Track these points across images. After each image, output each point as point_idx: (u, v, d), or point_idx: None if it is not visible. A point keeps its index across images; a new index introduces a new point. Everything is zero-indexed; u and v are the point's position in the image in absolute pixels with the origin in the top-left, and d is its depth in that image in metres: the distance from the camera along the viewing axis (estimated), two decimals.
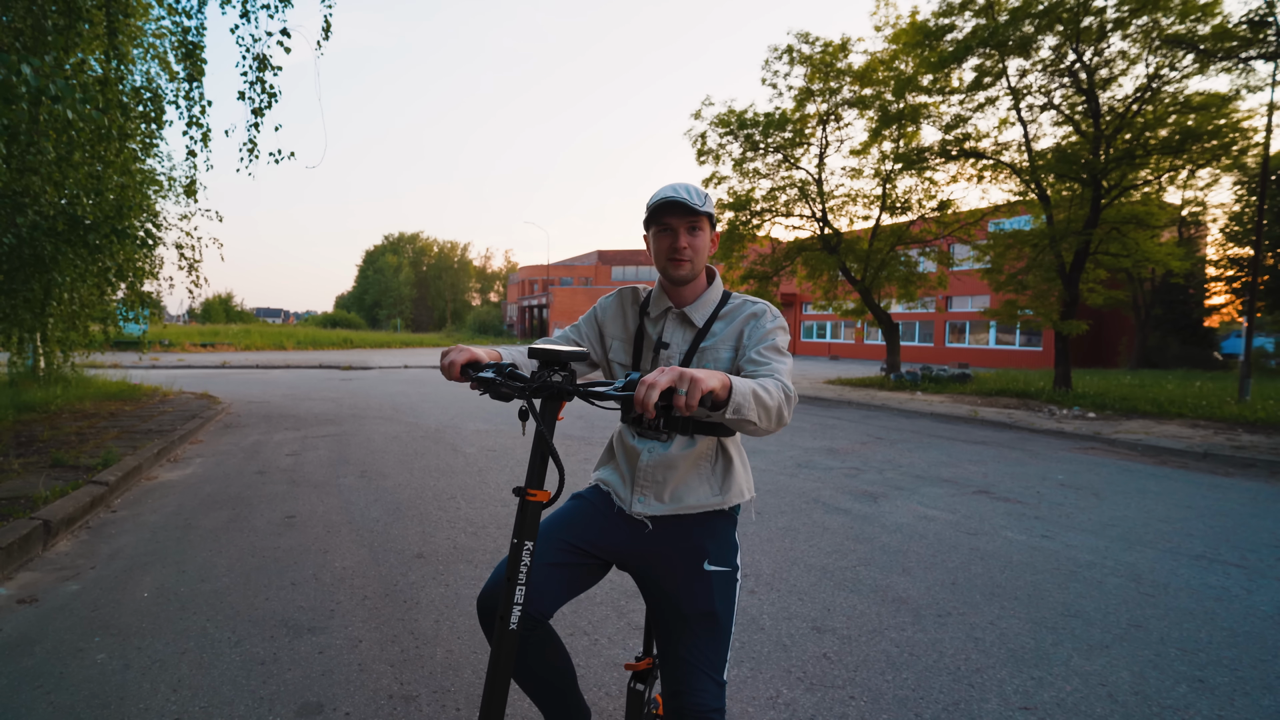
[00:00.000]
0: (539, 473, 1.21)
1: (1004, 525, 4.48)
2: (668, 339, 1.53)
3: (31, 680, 2.28)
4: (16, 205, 5.63)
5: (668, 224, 1.44)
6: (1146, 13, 11.27)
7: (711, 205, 1.48)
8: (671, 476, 1.46)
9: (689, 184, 1.46)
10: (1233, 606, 3.18)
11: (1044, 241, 13.19)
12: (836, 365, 27.71)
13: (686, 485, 1.47)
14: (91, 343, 9.81)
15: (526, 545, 1.19)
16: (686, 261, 1.46)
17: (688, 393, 1.04)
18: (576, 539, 1.49)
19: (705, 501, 1.47)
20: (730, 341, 1.49)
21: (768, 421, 1.21)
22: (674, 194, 1.40)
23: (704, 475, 1.48)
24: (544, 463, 1.21)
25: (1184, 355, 25.77)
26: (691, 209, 1.42)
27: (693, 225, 1.45)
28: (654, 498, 1.47)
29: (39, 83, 3.67)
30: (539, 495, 1.20)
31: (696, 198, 1.42)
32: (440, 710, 2.17)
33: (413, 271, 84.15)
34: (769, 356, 1.40)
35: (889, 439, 8.29)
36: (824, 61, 15.83)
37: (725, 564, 1.45)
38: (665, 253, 1.46)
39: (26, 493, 4.16)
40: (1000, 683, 2.41)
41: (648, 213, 1.47)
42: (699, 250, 1.47)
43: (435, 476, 5.53)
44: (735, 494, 1.50)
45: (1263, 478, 6.45)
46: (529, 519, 1.19)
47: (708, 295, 1.54)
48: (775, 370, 1.36)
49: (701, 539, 1.46)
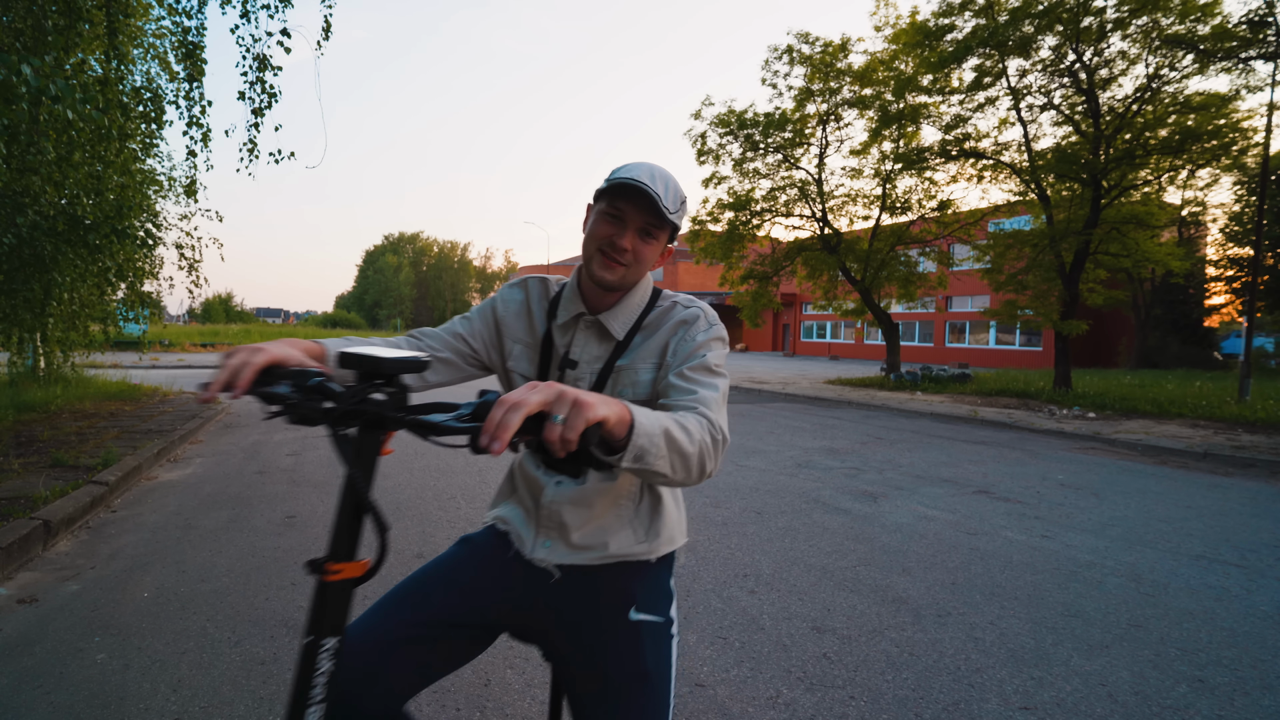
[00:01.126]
0: (349, 535, 0.83)
1: (1004, 525, 4.48)
2: (576, 354, 1.19)
3: (31, 680, 2.28)
4: (16, 205, 5.63)
5: (620, 211, 1.12)
6: (1146, 13, 11.28)
7: (683, 216, 1.17)
8: (583, 517, 1.15)
9: (669, 176, 1.15)
10: (1233, 606, 3.18)
11: (1044, 241, 13.19)
12: (836, 365, 27.71)
13: (602, 528, 1.16)
14: (91, 343, 9.82)
15: (324, 646, 0.81)
16: (622, 267, 1.13)
17: (566, 421, 0.74)
18: (453, 600, 1.14)
19: (626, 550, 1.16)
20: (652, 358, 1.17)
21: (684, 473, 0.92)
22: (644, 183, 1.08)
23: (625, 517, 1.17)
24: (358, 519, 0.84)
25: (1184, 355, 25.77)
26: (657, 210, 1.10)
27: (648, 228, 1.13)
28: (561, 542, 1.15)
29: (39, 83, 3.68)
30: (345, 569, 0.82)
31: (669, 199, 1.11)
32: (440, 710, 2.17)
33: (413, 271, 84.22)
34: (696, 381, 1.08)
35: (889, 439, 8.29)
36: (824, 61, 15.84)
37: (656, 613, 1.15)
38: (600, 242, 1.13)
39: (26, 493, 4.16)
40: (1000, 683, 2.41)
41: (605, 185, 1.13)
42: (643, 260, 1.15)
43: (435, 476, 5.53)
44: (665, 541, 1.20)
45: (1263, 478, 6.45)
46: (331, 605, 0.82)
47: (631, 299, 1.20)
48: (703, 401, 1.04)
49: (626, 581, 1.16)
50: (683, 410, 1.02)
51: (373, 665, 1.02)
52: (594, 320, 1.20)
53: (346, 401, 0.80)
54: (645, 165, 1.15)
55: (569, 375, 1.19)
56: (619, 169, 1.15)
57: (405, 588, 1.15)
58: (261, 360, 0.89)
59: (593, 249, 1.15)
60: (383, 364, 0.82)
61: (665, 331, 1.18)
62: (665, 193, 1.11)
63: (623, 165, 1.17)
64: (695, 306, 1.20)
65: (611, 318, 1.19)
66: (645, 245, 1.14)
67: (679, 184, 1.17)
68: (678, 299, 1.22)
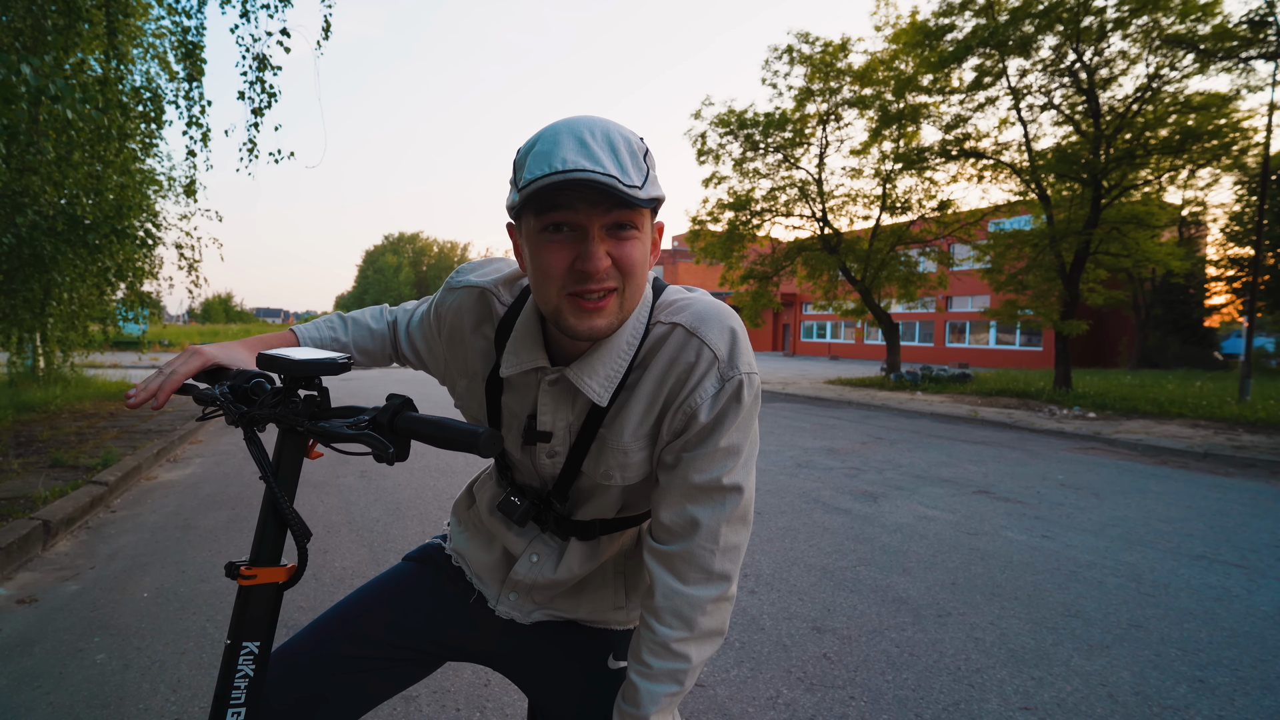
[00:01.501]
0: (270, 540, 0.80)
1: (1004, 525, 4.47)
2: (547, 421, 0.86)
3: (31, 681, 2.28)
4: (16, 205, 5.63)
5: (566, 221, 0.71)
6: (1147, 12, 11.28)
7: (656, 182, 0.74)
8: (558, 592, 0.98)
9: (610, 127, 0.72)
10: (1233, 607, 3.17)
11: (1044, 241, 13.19)
12: (836, 365, 27.71)
13: (580, 593, 0.99)
14: (91, 343, 9.83)
15: (245, 649, 0.78)
16: (611, 296, 0.74)
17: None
18: (407, 624, 0.98)
19: (604, 616, 1.00)
20: (643, 425, 0.82)
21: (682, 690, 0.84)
22: (585, 169, 0.67)
23: (605, 578, 0.99)
24: (279, 525, 0.81)
25: (1184, 355, 25.78)
26: (619, 198, 0.68)
27: (621, 224, 0.72)
28: (530, 601, 0.98)
29: (39, 82, 3.68)
30: (264, 574, 0.79)
31: (630, 168, 0.70)
32: (440, 710, 2.16)
33: (413, 271, 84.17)
34: (698, 497, 0.80)
35: (889, 439, 8.29)
36: (824, 61, 15.85)
37: None
38: (560, 280, 0.73)
39: (26, 493, 4.16)
40: (1000, 683, 2.41)
41: (521, 192, 0.70)
42: (634, 268, 0.74)
43: (435, 476, 5.53)
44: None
45: (1263, 478, 6.45)
46: (252, 609, 0.79)
47: (620, 336, 0.81)
48: (706, 538, 0.79)
49: (606, 631, 1.02)
50: (687, 573, 0.81)
51: (318, 689, 0.92)
52: (562, 379, 0.83)
53: (257, 407, 0.79)
54: (568, 130, 0.70)
55: (541, 450, 0.89)
56: (532, 153, 0.71)
57: (355, 607, 0.99)
58: (193, 367, 0.86)
59: (553, 293, 0.74)
60: (296, 366, 0.78)
61: (657, 377, 0.81)
62: (620, 162, 0.69)
63: (532, 143, 0.72)
64: (714, 333, 0.79)
65: (587, 370, 0.80)
66: (626, 245, 0.73)
67: (627, 131, 0.73)
68: (681, 316, 0.81)
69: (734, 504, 0.81)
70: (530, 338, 0.84)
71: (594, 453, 0.86)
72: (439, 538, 1.10)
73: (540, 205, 0.71)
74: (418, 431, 0.69)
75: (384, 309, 1.12)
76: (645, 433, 0.83)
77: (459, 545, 1.04)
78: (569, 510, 0.93)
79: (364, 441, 0.70)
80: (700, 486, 0.80)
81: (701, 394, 0.79)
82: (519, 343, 0.85)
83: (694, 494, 0.81)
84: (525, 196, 0.70)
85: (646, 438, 0.84)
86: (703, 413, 0.79)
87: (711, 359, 0.79)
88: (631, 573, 1.00)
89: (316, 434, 0.75)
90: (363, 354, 1.07)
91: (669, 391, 0.81)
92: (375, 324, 1.08)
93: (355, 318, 1.08)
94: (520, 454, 0.92)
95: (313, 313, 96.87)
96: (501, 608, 0.98)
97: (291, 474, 0.81)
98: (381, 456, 0.68)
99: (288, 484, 0.81)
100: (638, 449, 0.84)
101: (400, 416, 0.71)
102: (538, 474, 0.93)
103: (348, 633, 0.95)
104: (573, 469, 0.89)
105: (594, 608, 0.99)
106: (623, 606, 1.00)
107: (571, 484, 0.91)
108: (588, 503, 0.92)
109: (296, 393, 0.79)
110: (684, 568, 0.82)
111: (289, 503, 0.79)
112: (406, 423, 0.70)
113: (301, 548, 0.79)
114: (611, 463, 0.85)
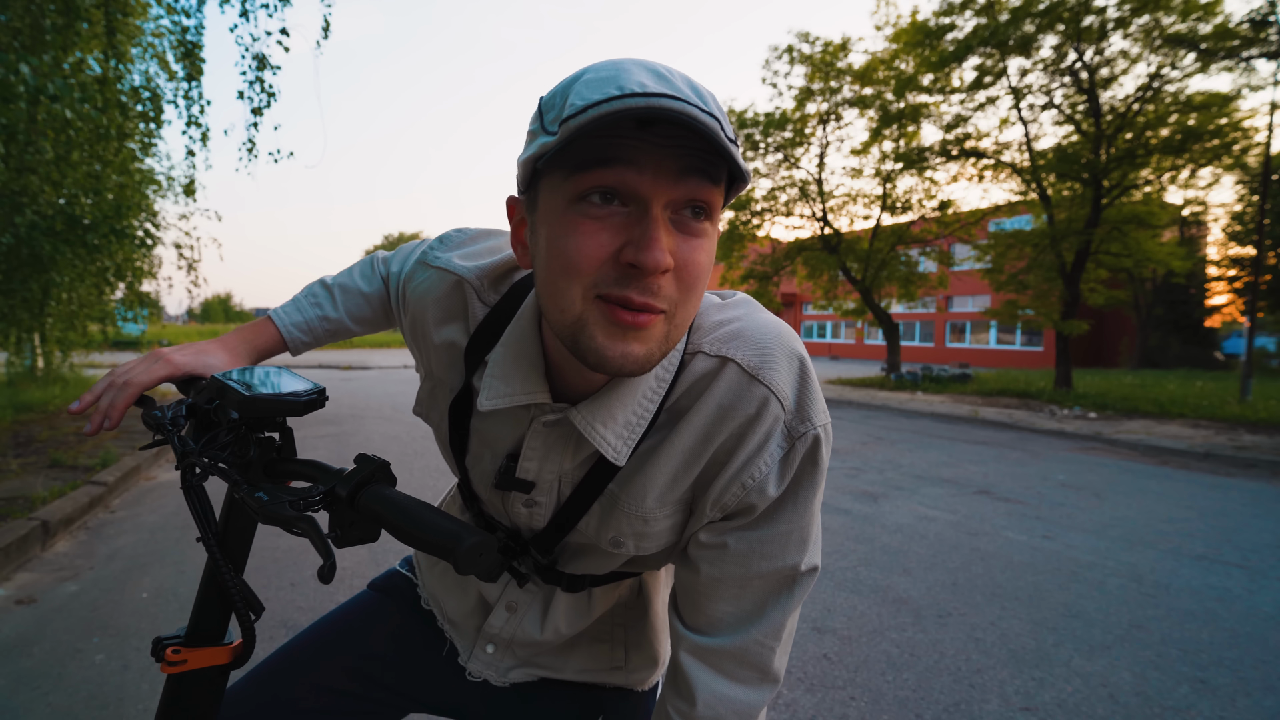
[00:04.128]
0: (213, 614, 0.66)
1: (1005, 525, 4.47)
2: (531, 470, 0.66)
3: (30, 681, 2.27)
4: (15, 205, 5.62)
5: (619, 188, 0.49)
6: (1148, 12, 11.27)
7: (738, 150, 0.51)
8: (542, 650, 0.83)
9: (694, 81, 0.51)
10: (1234, 607, 3.17)
11: (1045, 241, 13.19)
12: (836, 365, 27.71)
13: (571, 650, 0.83)
14: (90, 343, 9.83)
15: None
16: (658, 319, 0.51)
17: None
18: (356, 673, 0.82)
19: (595, 678, 0.84)
20: (680, 484, 0.62)
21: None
22: (680, 99, 0.46)
23: (601, 633, 0.83)
24: (223, 597, 0.66)
25: (1185, 355, 25.77)
26: (720, 146, 0.47)
27: (697, 206, 0.51)
28: (511, 656, 0.83)
29: (37, 82, 3.67)
30: (199, 657, 0.65)
31: (722, 118, 0.50)
32: None
33: None
34: (776, 590, 0.62)
35: (889, 439, 8.28)
36: (824, 61, 15.85)
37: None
38: (595, 271, 0.50)
39: (25, 493, 4.15)
40: (1001, 683, 2.40)
41: (564, 126, 0.48)
42: (697, 280, 0.52)
43: (435, 476, 5.52)
44: (647, 664, 0.85)
45: (1264, 478, 6.44)
46: (188, 700, 0.65)
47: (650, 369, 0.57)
48: (785, 634, 0.63)
49: (597, 690, 0.86)
50: (720, 653, 0.61)
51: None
52: (560, 418, 0.62)
53: (195, 454, 0.59)
54: (632, 62, 0.50)
55: (518, 501, 0.70)
56: (580, 80, 0.50)
57: (312, 649, 0.84)
58: (153, 378, 0.71)
59: (576, 295, 0.51)
60: (244, 404, 0.60)
61: (700, 430, 0.59)
62: (710, 107, 0.49)
63: (576, 76, 0.52)
64: (767, 369, 0.59)
65: (601, 414, 0.59)
66: (694, 244, 0.52)
67: (711, 93, 0.52)
68: (733, 347, 0.60)
69: (804, 589, 0.62)
70: (525, 361, 0.61)
71: (598, 513, 0.66)
72: (404, 563, 0.94)
73: (581, 158, 0.48)
74: (381, 516, 0.52)
75: (376, 261, 0.93)
76: (677, 498, 0.62)
77: (430, 584, 0.87)
78: (552, 562, 0.75)
79: (304, 531, 0.51)
80: (765, 575, 0.61)
81: (766, 460, 0.58)
82: (507, 366, 0.61)
83: (756, 584, 0.61)
84: (570, 133, 0.46)
85: (678, 503, 0.63)
86: (770, 485, 0.59)
87: (779, 412, 0.58)
88: (633, 626, 0.82)
89: (251, 508, 0.55)
90: (360, 323, 0.92)
91: (717, 452, 0.59)
92: (368, 286, 0.91)
93: (343, 284, 0.91)
94: (488, 493, 0.73)
95: None
96: (474, 665, 0.82)
97: (242, 536, 0.65)
98: (322, 551, 0.49)
99: (236, 549, 0.65)
100: (663, 516, 0.63)
101: (366, 492, 0.53)
102: (509, 519, 0.75)
103: (306, 679, 0.80)
104: (562, 525, 0.69)
105: (586, 666, 0.82)
106: (621, 667, 0.82)
107: (559, 541, 0.71)
108: (578, 560, 0.74)
109: (252, 436, 0.62)
110: (733, 666, 0.63)
111: (236, 573, 0.62)
112: (372, 500, 0.53)
113: (247, 625, 0.62)
114: (625, 529, 0.65)
